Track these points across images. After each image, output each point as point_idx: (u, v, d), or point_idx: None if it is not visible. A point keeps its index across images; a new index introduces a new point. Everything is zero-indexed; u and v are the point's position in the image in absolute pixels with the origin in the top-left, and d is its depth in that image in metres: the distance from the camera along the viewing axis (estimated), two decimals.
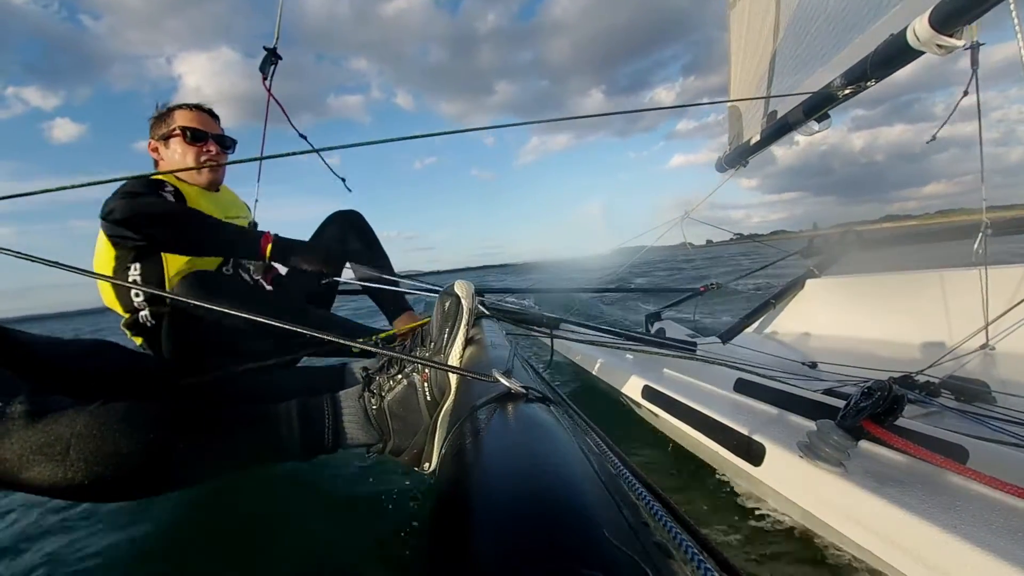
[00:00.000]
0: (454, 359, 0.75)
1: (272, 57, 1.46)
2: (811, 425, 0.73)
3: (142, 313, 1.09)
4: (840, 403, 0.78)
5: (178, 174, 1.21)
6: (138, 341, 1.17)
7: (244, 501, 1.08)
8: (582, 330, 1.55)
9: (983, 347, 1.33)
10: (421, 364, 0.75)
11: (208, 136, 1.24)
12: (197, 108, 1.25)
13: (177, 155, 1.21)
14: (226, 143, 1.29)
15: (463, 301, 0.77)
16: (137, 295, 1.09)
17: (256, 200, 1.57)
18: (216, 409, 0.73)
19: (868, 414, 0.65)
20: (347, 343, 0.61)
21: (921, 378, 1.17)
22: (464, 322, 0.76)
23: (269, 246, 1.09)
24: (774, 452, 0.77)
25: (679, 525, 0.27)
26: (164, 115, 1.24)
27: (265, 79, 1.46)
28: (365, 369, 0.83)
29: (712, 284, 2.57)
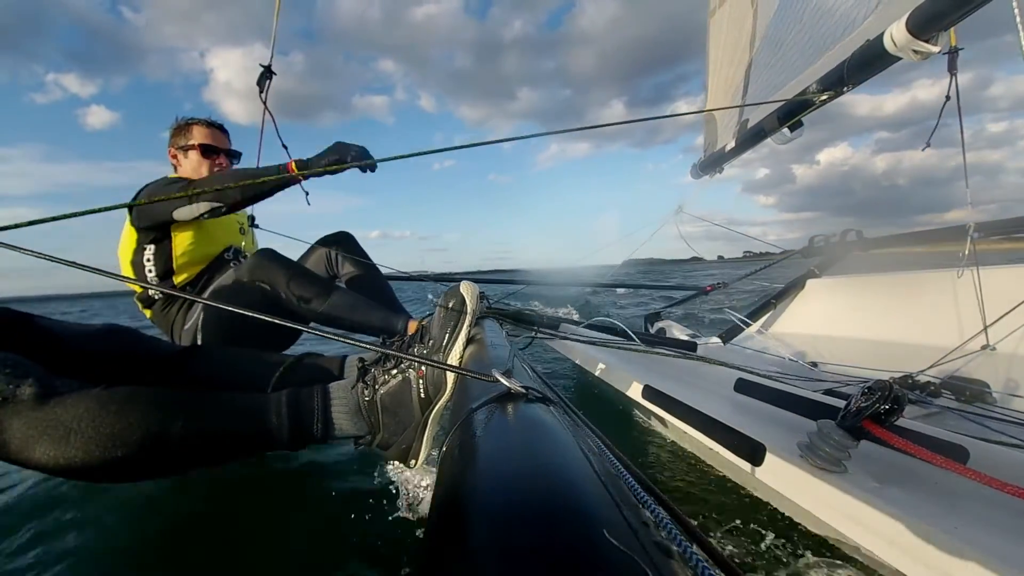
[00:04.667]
0: (454, 359, 0.75)
1: (268, 74, 1.60)
2: (812, 425, 0.73)
3: (151, 291, 1.36)
4: (841, 403, 0.78)
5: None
6: (148, 313, 1.43)
7: (238, 496, 1.08)
8: (582, 330, 1.56)
9: (984, 347, 1.33)
10: (420, 363, 0.75)
11: (220, 151, 1.50)
12: (211, 125, 1.50)
13: (193, 165, 1.48)
14: (233, 156, 1.55)
15: (467, 303, 0.77)
16: (150, 271, 1.37)
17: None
18: (210, 396, 0.73)
19: (869, 414, 0.65)
20: (346, 340, 0.62)
21: (922, 378, 1.16)
22: (467, 323, 0.76)
23: (293, 165, 1.23)
24: (774, 452, 0.77)
25: (679, 525, 0.27)
26: (184, 128, 1.49)
27: (261, 93, 1.59)
28: (361, 360, 0.83)
29: (719, 283, 2.57)
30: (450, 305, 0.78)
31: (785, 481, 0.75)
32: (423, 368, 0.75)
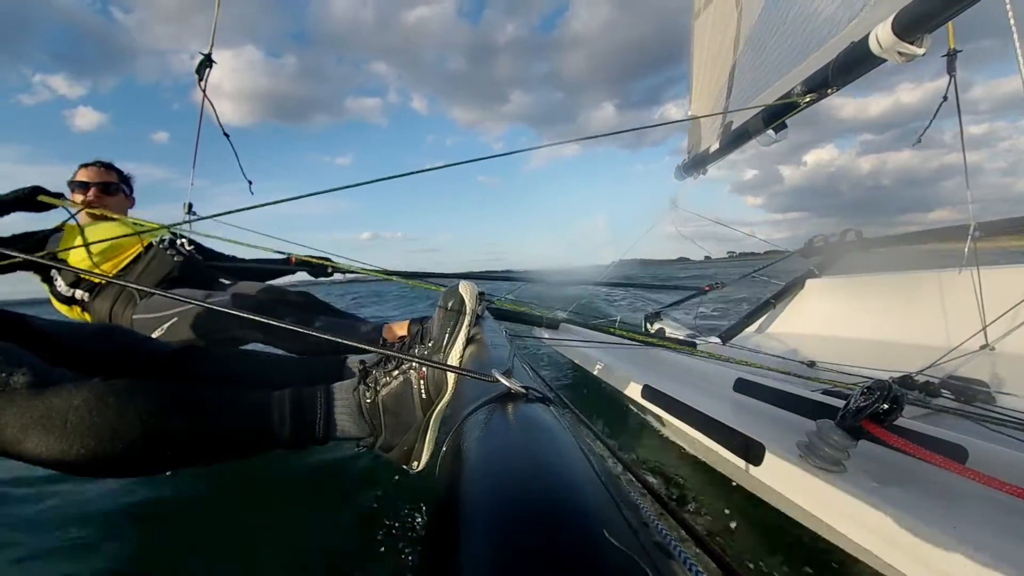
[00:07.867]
0: (454, 359, 0.75)
1: (207, 62, 1.57)
2: (811, 425, 0.73)
3: (78, 292, 1.36)
4: (840, 403, 0.78)
5: (75, 212, 1.59)
6: (74, 313, 1.42)
7: (241, 497, 1.08)
8: (582, 330, 1.56)
9: (983, 347, 1.34)
10: (420, 363, 0.75)
11: (89, 185, 1.62)
12: (89, 166, 1.65)
13: (76, 198, 1.63)
14: (110, 189, 1.67)
15: (466, 302, 0.77)
16: (55, 277, 1.41)
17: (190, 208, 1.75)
18: (212, 392, 0.73)
19: (868, 414, 0.65)
20: (348, 341, 0.61)
21: (921, 378, 1.16)
22: (466, 323, 0.76)
23: None
24: (774, 452, 0.77)
25: (679, 525, 0.27)
26: (76, 171, 1.66)
27: (200, 81, 1.57)
28: (362, 362, 0.83)
29: (717, 283, 2.57)
30: (449, 305, 0.78)
31: (784, 481, 0.75)
32: (424, 369, 0.75)
